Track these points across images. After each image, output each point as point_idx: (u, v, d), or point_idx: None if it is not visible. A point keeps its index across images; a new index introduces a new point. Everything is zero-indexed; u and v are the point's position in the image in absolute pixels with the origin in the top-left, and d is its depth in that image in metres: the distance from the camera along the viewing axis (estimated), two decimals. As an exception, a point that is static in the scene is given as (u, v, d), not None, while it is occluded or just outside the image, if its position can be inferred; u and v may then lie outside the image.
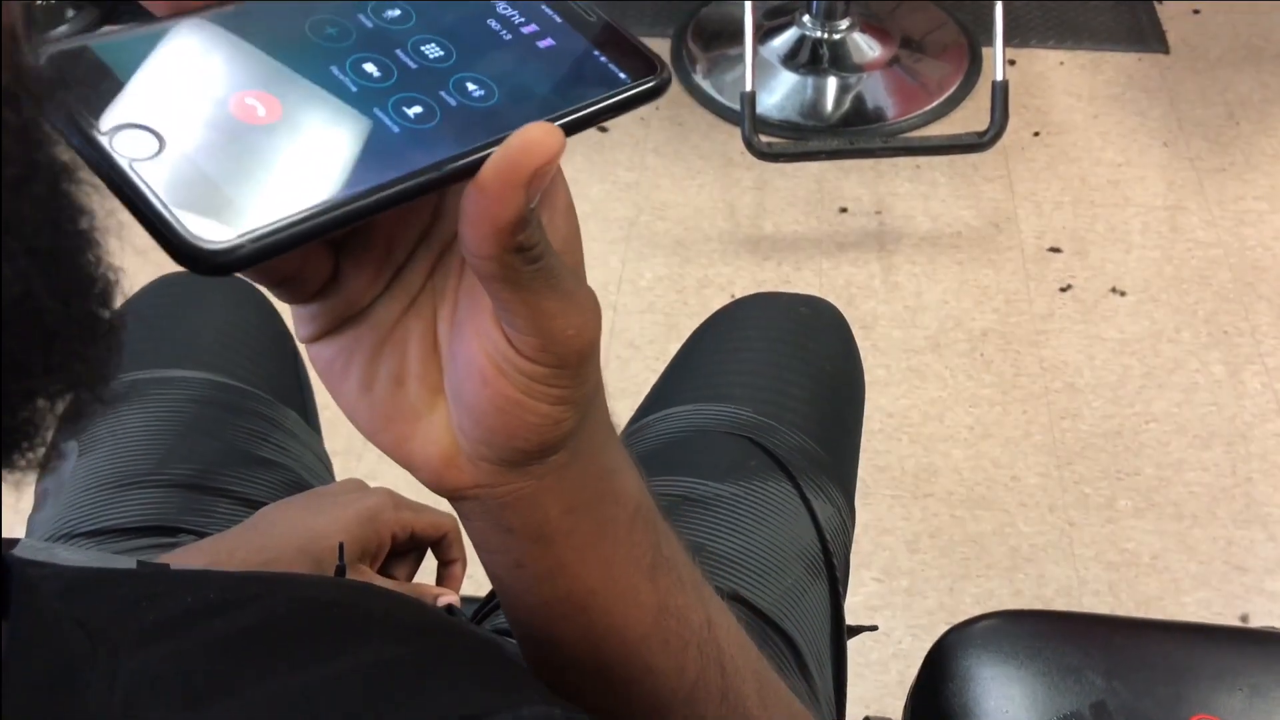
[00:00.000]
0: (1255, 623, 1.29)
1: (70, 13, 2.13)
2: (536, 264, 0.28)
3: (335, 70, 0.29)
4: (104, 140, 0.26)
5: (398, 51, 0.31)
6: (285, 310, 0.35)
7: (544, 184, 0.28)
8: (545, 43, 0.32)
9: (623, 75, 0.32)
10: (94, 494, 0.67)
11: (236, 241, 0.26)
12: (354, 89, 0.29)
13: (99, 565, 0.41)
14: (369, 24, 0.31)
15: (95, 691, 0.25)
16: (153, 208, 0.25)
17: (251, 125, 0.28)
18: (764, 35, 2.01)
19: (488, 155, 0.28)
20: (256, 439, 0.73)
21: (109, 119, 0.26)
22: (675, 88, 2.00)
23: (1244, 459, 1.45)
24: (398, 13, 0.31)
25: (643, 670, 0.38)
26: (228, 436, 0.72)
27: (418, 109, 0.29)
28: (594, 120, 0.32)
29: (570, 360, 0.30)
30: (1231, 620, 1.30)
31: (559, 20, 0.33)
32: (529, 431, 0.31)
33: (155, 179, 0.26)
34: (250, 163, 0.27)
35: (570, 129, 0.31)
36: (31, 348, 0.20)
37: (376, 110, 0.29)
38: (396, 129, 0.29)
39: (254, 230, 0.26)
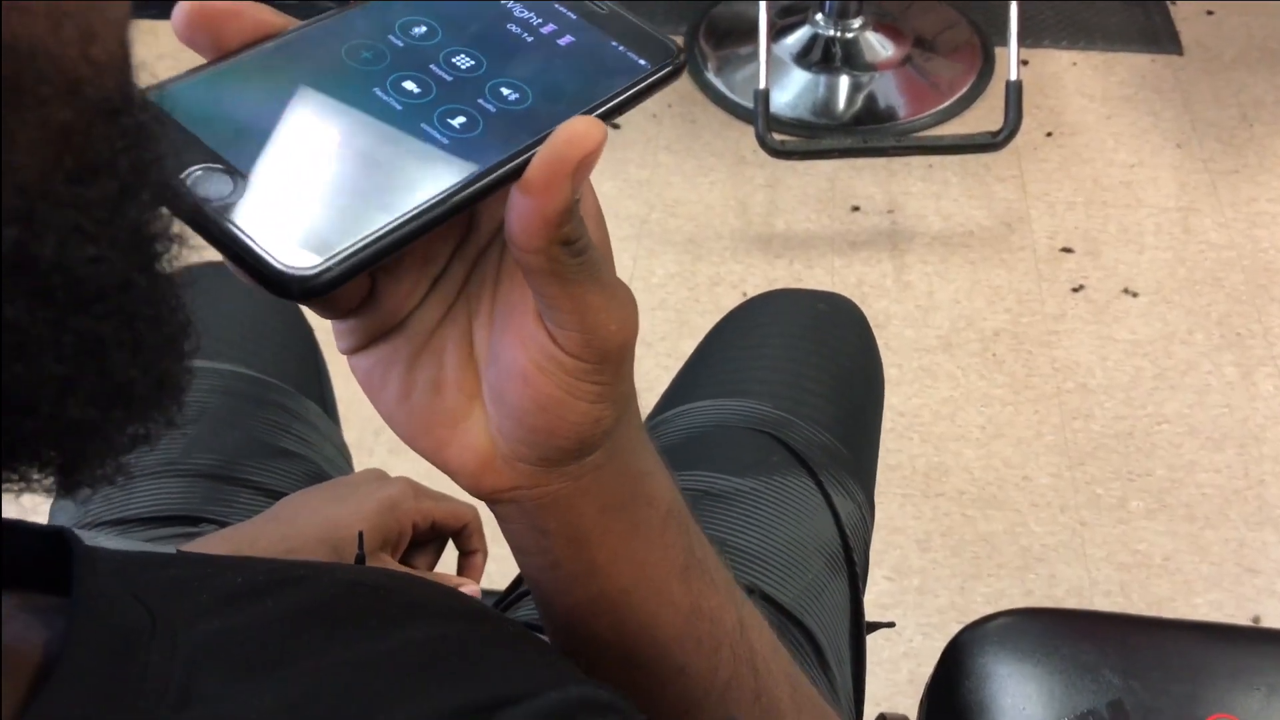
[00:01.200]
0: (1267, 624, 1.29)
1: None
2: (581, 257, 0.30)
3: (379, 92, 0.31)
4: (184, 186, 0.27)
5: (432, 66, 0.32)
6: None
7: (588, 173, 0.29)
8: (565, 40, 0.34)
9: (642, 62, 0.34)
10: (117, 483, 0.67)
11: (324, 265, 0.27)
12: (399, 107, 0.31)
13: (145, 550, 0.41)
14: (400, 43, 0.32)
15: (155, 662, 0.26)
16: (242, 243, 0.27)
17: (314, 153, 0.29)
18: (777, 33, 2.00)
19: (533, 154, 0.29)
20: (278, 430, 0.73)
21: (184, 165, 0.28)
22: (688, 85, 2.00)
23: (1256, 461, 1.45)
24: (424, 29, 0.33)
25: (675, 670, 0.38)
26: (250, 427, 0.72)
27: (461, 119, 0.31)
28: (623, 108, 0.33)
29: (612, 355, 0.31)
30: (1243, 622, 1.30)
31: (574, 17, 0.34)
32: (570, 429, 0.32)
33: (239, 216, 0.27)
34: (320, 189, 0.28)
35: (601, 119, 0.32)
36: (122, 344, 0.21)
37: (424, 125, 0.31)
38: (446, 140, 0.30)
39: (338, 253, 0.27)
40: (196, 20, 0.30)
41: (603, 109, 0.32)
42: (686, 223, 1.77)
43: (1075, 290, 1.66)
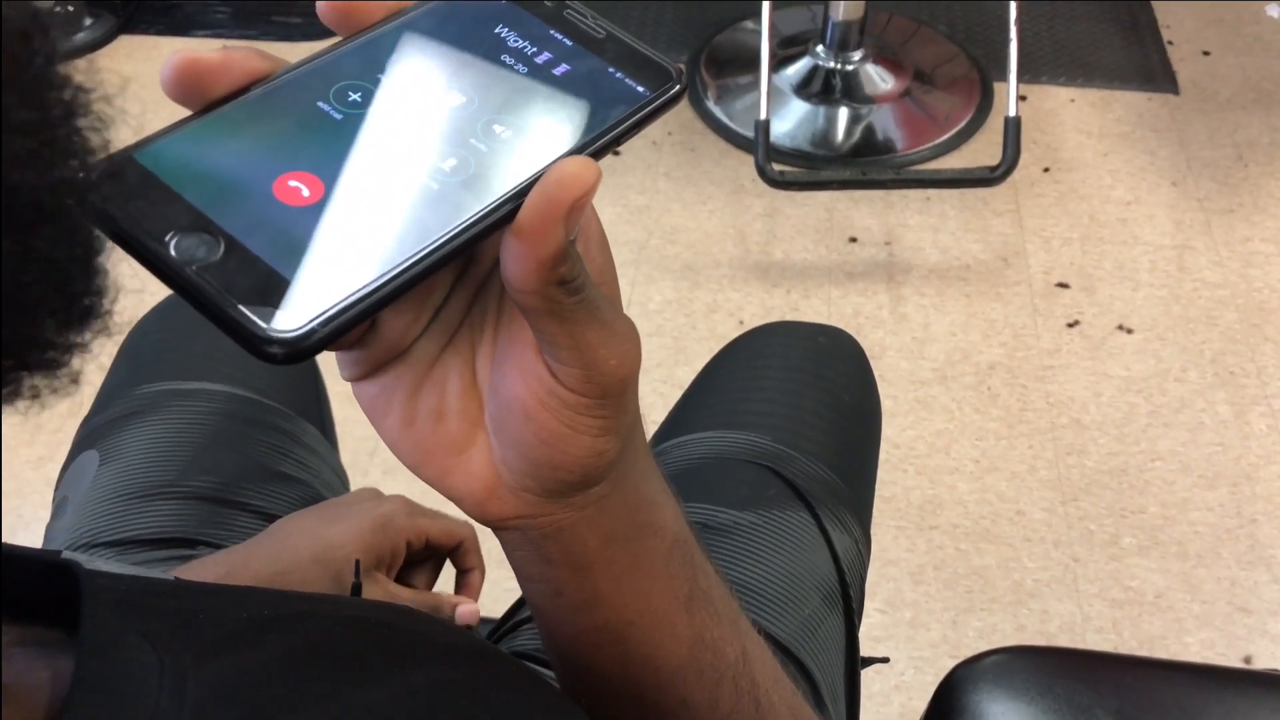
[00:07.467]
0: (1259, 665, 1.29)
1: (88, 20, 2.14)
2: (578, 295, 0.29)
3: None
4: (165, 250, 0.26)
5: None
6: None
7: (582, 216, 0.28)
8: (561, 69, 0.32)
9: (640, 89, 0.32)
10: (115, 504, 0.67)
11: (309, 327, 0.26)
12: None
13: (145, 575, 0.41)
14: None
15: (164, 705, 0.26)
16: (223, 309, 0.25)
17: (299, 208, 0.28)
18: (777, 64, 2.02)
19: (527, 193, 0.28)
20: (277, 454, 0.73)
21: (165, 226, 0.26)
22: (688, 114, 2.01)
23: (1249, 500, 1.45)
24: None
25: (677, 702, 0.38)
26: (248, 450, 0.72)
27: (452, 162, 0.29)
28: (623, 138, 0.32)
29: (613, 390, 0.31)
30: (1235, 662, 1.30)
31: (569, 44, 0.33)
32: (573, 463, 0.32)
33: (220, 280, 0.26)
34: (306, 245, 0.27)
35: (600, 152, 0.31)
36: (74, 259, 0.20)
37: (414, 170, 0.29)
38: (436, 185, 0.29)
39: (323, 313, 0.26)
40: (185, 77, 0.28)
41: (600, 141, 0.31)
42: (685, 250, 1.78)
43: (1070, 325, 1.67)
